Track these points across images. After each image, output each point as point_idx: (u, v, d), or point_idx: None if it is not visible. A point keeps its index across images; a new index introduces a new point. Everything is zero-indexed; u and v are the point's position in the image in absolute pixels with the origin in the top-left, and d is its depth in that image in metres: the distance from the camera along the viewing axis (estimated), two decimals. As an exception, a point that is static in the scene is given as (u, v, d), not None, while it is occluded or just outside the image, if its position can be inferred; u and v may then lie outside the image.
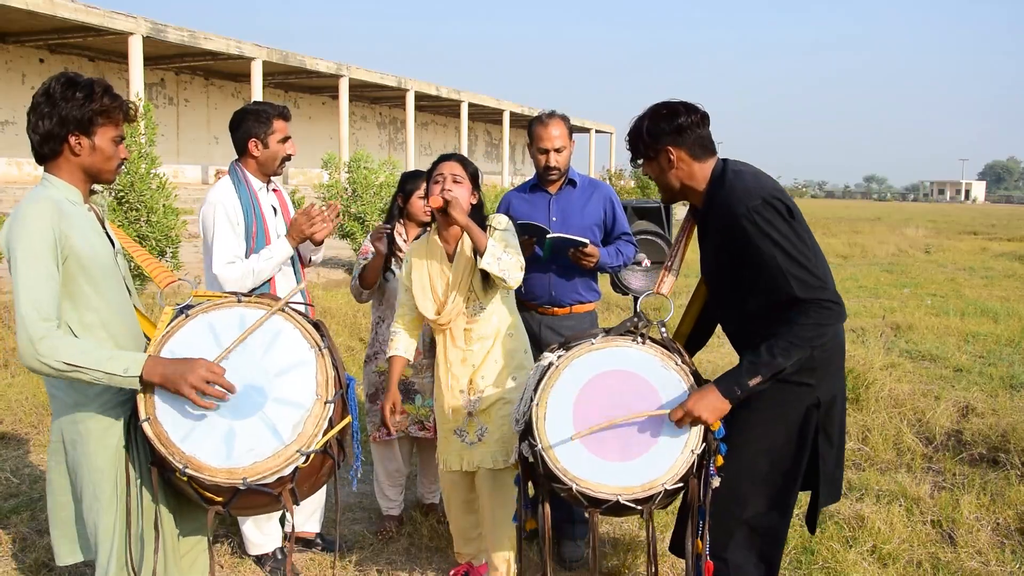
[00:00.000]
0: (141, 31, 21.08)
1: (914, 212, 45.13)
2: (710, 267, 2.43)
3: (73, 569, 3.17)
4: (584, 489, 2.18)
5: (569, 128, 3.31)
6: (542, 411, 2.26)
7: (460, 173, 2.83)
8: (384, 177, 11.96)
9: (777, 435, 2.29)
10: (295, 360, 2.05)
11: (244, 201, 3.02)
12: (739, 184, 2.23)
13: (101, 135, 2.10)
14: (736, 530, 2.33)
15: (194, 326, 2.07)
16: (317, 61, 27.79)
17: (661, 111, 2.30)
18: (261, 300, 2.14)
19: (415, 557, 3.35)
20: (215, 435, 1.97)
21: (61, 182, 2.11)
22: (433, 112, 41.56)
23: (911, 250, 18.07)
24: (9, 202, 17.13)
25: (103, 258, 2.11)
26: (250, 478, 1.93)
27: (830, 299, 2.13)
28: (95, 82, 2.10)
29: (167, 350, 2.02)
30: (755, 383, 2.15)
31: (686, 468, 2.18)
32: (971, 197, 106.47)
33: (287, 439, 1.98)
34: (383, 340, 3.50)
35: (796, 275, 2.12)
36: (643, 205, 5.95)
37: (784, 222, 2.16)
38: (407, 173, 3.60)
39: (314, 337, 2.08)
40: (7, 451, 4.40)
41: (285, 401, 2.01)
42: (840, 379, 2.38)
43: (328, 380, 2.04)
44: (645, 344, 2.30)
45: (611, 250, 3.32)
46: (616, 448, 2.21)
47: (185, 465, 1.92)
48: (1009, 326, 8.25)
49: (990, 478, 4.10)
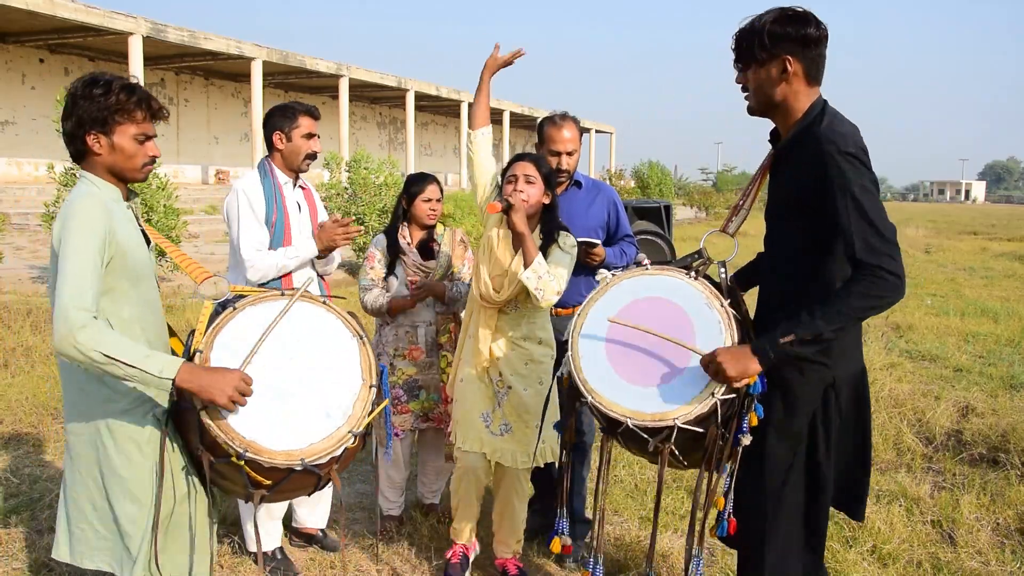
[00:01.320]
0: (141, 31, 21.08)
1: (914, 212, 45.12)
2: (776, 204, 2.27)
3: (74, 570, 3.17)
4: (598, 403, 2.17)
5: (580, 130, 3.32)
6: (580, 321, 2.30)
7: (533, 173, 2.88)
8: (384, 177, 11.96)
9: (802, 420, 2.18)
10: (340, 348, 2.19)
11: (268, 193, 3.10)
12: (838, 126, 2.08)
13: (120, 133, 2.08)
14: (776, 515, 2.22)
15: (243, 319, 2.13)
16: (317, 61, 27.79)
17: (788, 13, 2.09)
18: (304, 294, 2.22)
19: (415, 557, 3.35)
20: (272, 419, 2.04)
21: (100, 180, 2.11)
22: (433, 112, 41.56)
23: (911, 250, 18.07)
24: (9, 202, 17.12)
25: (142, 256, 2.14)
26: (307, 459, 2.02)
27: (892, 270, 1.95)
28: (115, 79, 2.08)
29: (219, 342, 2.07)
30: (787, 341, 2.01)
31: (704, 410, 2.09)
32: (971, 197, 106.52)
33: (339, 421, 2.10)
34: (386, 342, 3.51)
35: (863, 235, 1.96)
36: (643, 205, 5.96)
37: (870, 181, 2.01)
38: (412, 175, 3.59)
39: (354, 326, 2.23)
40: (7, 451, 4.39)
41: (335, 385, 2.14)
42: (858, 360, 2.25)
43: (371, 366, 2.19)
44: (697, 280, 2.26)
45: (616, 250, 3.35)
46: (639, 372, 2.18)
47: (245, 449, 1.98)
48: (1009, 326, 8.25)
49: (990, 478, 4.10)
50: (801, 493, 2.23)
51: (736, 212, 2.40)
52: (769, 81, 2.14)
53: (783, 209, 2.25)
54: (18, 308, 7.70)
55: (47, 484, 3.94)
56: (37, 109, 23.32)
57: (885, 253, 1.96)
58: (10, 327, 6.96)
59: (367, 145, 32.38)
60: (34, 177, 22.10)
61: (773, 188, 2.31)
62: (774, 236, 2.32)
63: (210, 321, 2.11)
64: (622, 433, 2.21)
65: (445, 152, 44.16)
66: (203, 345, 2.04)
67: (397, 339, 3.50)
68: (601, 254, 3.22)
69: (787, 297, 2.23)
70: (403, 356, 3.48)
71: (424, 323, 3.49)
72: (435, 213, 3.52)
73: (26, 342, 6.52)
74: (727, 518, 2.26)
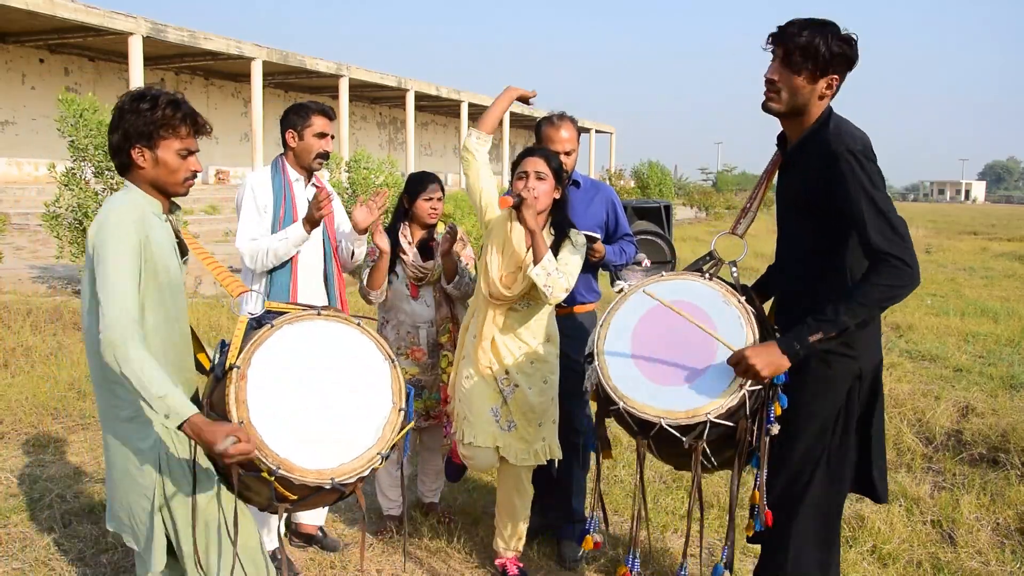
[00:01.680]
0: (141, 31, 21.06)
1: (914, 212, 45.12)
2: (786, 207, 2.36)
3: (76, 567, 3.17)
4: (630, 408, 2.19)
5: (577, 130, 3.33)
6: (604, 331, 2.33)
7: (543, 170, 2.91)
8: (384, 177, 11.95)
9: (828, 410, 2.25)
10: (373, 370, 2.24)
11: (276, 187, 3.17)
12: (845, 128, 2.18)
13: (164, 147, 2.10)
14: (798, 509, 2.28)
15: (280, 337, 2.14)
16: (317, 61, 27.78)
17: (841, 34, 2.18)
18: (338, 314, 2.26)
19: (415, 557, 3.35)
20: (306, 438, 2.07)
21: (142, 193, 2.14)
22: (433, 112, 41.55)
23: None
24: (9, 202, 17.11)
25: (173, 271, 2.16)
26: (337, 478, 2.07)
27: (906, 259, 2.05)
28: (162, 94, 2.11)
29: (257, 359, 2.08)
30: (816, 339, 2.09)
31: (735, 403, 2.13)
32: (971, 197, 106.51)
33: (369, 443, 2.14)
34: (388, 341, 3.49)
35: (877, 225, 2.05)
36: (643, 205, 5.96)
37: (879, 176, 2.11)
38: (414, 175, 3.59)
39: (386, 349, 2.27)
40: (7, 451, 4.39)
41: (367, 407, 2.19)
42: (878, 350, 2.33)
43: (400, 388, 2.24)
44: (712, 280, 2.33)
45: (615, 248, 3.35)
46: (666, 373, 2.22)
47: (278, 467, 1.99)
48: (1009, 326, 8.25)
49: (990, 478, 4.10)
50: (821, 487, 2.27)
51: (744, 214, 2.46)
52: (811, 92, 2.21)
53: (792, 211, 2.32)
54: (18, 308, 7.70)
55: (47, 484, 3.94)
56: (37, 109, 23.32)
57: (899, 243, 2.05)
58: (10, 327, 6.96)
59: (367, 145, 32.40)
60: (34, 177, 22.09)
61: (782, 190, 2.37)
62: (784, 238, 2.40)
63: (245, 336, 2.12)
64: (654, 436, 2.23)
65: (445, 152, 44.15)
66: (240, 361, 2.05)
67: (399, 339, 3.49)
68: (600, 250, 3.22)
69: (798, 297, 2.29)
70: (405, 355, 3.48)
71: (425, 324, 3.49)
72: (436, 212, 3.53)
73: (26, 342, 6.52)
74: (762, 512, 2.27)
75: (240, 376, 2.03)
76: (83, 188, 9.07)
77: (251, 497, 2.14)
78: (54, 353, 6.28)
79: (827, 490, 2.29)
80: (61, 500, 3.76)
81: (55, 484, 3.93)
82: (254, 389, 2.04)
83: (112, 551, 3.26)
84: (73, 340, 6.73)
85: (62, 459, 4.31)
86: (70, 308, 7.87)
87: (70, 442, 4.55)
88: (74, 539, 3.40)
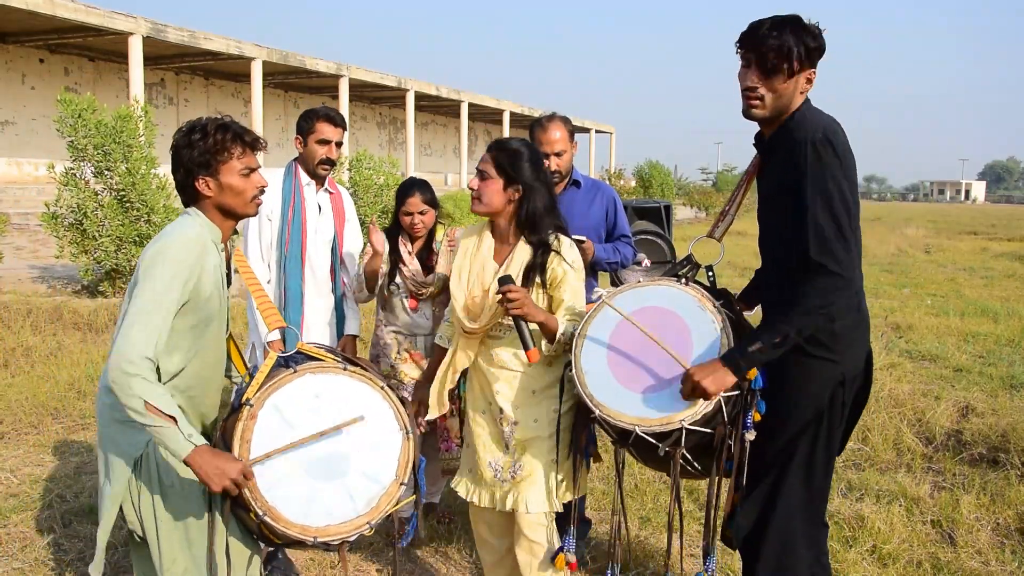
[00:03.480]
0: (141, 31, 21.07)
1: (914, 212, 45.12)
2: (764, 206, 2.31)
3: (72, 570, 3.17)
4: (605, 416, 2.20)
5: (570, 130, 3.24)
6: (581, 340, 2.32)
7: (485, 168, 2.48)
8: (384, 178, 11.95)
9: (807, 413, 2.19)
10: (384, 438, 2.18)
11: (286, 192, 3.25)
12: (809, 115, 2.14)
13: (225, 172, 2.11)
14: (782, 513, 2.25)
15: (300, 385, 2.12)
16: (317, 61, 27.79)
17: (802, 26, 2.11)
18: (364, 373, 2.20)
19: (415, 557, 3.35)
20: (298, 492, 2.06)
21: (207, 221, 2.14)
22: (433, 112, 41.56)
23: (911, 250, 18.08)
24: (9, 202, 17.11)
25: (214, 302, 2.14)
26: (320, 538, 2.05)
27: (838, 269, 2.00)
28: (208, 121, 2.12)
29: (270, 402, 2.07)
30: (756, 349, 2.06)
31: (710, 409, 2.13)
32: (971, 197, 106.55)
33: (361, 510, 2.11)
34: (384, 344, 3.50)
35: (819, 231, 2.00)
36: (643, 205, 5.95)
37: (838, 168, 2.04)
38: (402, 184, 3.47)
39: (404, 419, 2.20)
40: (7, 451, 4.39)
41: (367, 475, 2.14)
42: (864, 345, 2.26)
43: (408, 463, 2.18)
44: (687, 285, 2.32)
45: (608, 247, 3.30)
46: (641, 380, 2.22)
47: (264, 512, 2.00)
48: (1009, 326, 8.25)
49: (990, 478, 4.10)
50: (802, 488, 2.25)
51: (723, 218, 2.44)
52: (793, 90, 2.17)
53: (769, 210, 2.28)
54: (18, 308, 7.70)
55: (47, 484, 3.94)
56: (37, 109, 23.33)
57: (830, 251, 2.00)
58: (10, 327, 6.96)
59: (367, 145, 32.38)
60: (34, 177, 22.08)
61: (760, 189, 2.35)
62: (763, 240, 2.37)
63: (270, 372, 2.11)
64: (633, 444, 2.23)
65: (445, 152, 44.16)
66: (255, 400, 2.05)
67: (398, 343, 3.48)
68: (590, 249, 3.14)
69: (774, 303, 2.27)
70: (405, 359, 3.47)
71: (422, 333, 3.47)
72: (422, 226, 3.37)
73: (26, 342, 6.52)
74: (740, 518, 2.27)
75: (251, 415, 2.03)
76: (82, 188, 9.08)
77: (243, 518, 2.15)
78: (54, 353, 6.28)
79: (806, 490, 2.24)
80: (61, 500, 3.76)
81: (55, 484, 3.93)
82: (261, 431, 2.03)
83: (112, 551, 3.26)
84: (73, 340, 6.74)
85: (62, 459, 4.31)
86: (70, 308, 7.87)
87: (70, 442, 4.55)
88: (74, 539, 3.40)
